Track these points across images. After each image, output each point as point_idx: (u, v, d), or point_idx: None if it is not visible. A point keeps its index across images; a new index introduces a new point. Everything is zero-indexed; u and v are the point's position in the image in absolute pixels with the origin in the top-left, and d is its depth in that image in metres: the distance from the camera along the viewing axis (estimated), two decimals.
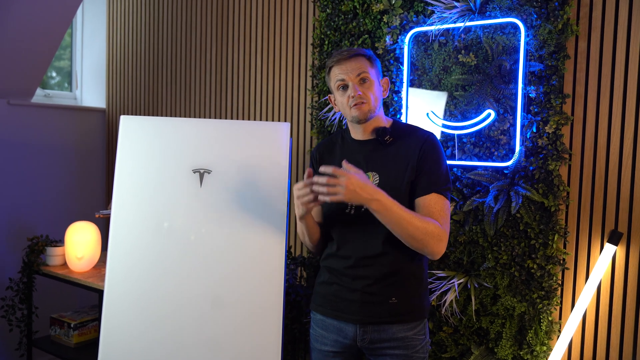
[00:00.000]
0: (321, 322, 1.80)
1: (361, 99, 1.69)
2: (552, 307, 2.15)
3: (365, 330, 1.71)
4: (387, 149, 1.73)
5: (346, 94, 1.72)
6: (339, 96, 1.75)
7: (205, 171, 2.03)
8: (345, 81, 1.71)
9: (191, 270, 1.99)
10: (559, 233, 2.13)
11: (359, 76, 1.70)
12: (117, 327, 1.98)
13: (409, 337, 1.71)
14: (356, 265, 1.71)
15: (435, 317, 2.37)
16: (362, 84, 1.71)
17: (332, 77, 1.76)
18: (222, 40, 3.25)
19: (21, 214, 3.42)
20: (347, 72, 1.70)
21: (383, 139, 1.73)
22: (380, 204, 1.55)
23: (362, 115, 1.71)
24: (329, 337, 1.77)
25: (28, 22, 3.04)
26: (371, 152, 1.75)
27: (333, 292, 1.76)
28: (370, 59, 1.74)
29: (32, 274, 2.86)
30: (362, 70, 1.70)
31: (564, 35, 2.08)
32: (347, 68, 1.71)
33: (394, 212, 1.56)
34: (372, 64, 1.74)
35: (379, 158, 1.73)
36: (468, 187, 2.28)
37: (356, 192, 1.52)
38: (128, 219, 2.01)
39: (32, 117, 3.48)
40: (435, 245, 1.61)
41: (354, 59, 1.71)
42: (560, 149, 2.12)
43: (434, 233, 1.60)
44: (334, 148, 1.85)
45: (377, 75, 1.75)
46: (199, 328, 1.96)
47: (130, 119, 2.08)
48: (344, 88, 1.73)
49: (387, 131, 1.73)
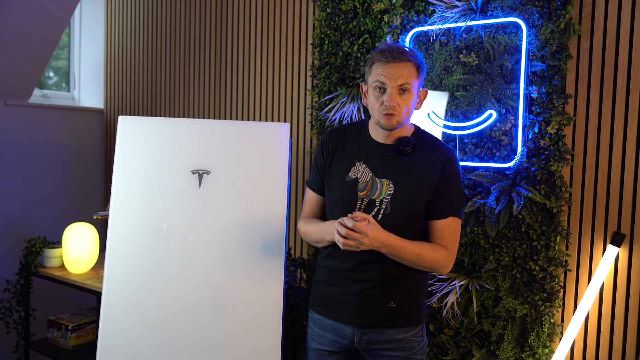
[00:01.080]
0: (319, 322, 1.80)
1: (394, 110, 1.61)
2: (554, 309, 2.14)
3: (363, 332, 1.71)
4: (405, 158, 1.69)
5: (381, 98, 1.62)
6: (372, 95, 1.65)
7: (204, 172, 2.01)
8: (386, 86, 1.61)
9: (190, 272, 1.98)
10: (561, 234, 2.12)
11: (401, 86, 1.60)
12: (115, 330, 1.97)
13: (407, 338, 1.71)
14: (356, 269, 1.70)
15: (436, 319, 2.35)
16: (401, 94, 1.61)
17: (372, 72, 1.64)
18: (220, 40, 3.24)
19: (18, 215, 3.40)
20: (390, 78, 1.60)
21: (404, 149, 1.68)
22: (390, 249, 1.61)
23: (389, 126, 1.65)
24: (326, 336, 1.77)
25: (25, 22, 3.03)
26: (388, 158, 1.70)
27: (331, 293, 1.75)
28: (418, 68, 1.64)
29: (29, 275, 2.84)
30: (407, 81, 1.60)
31: (566, 35, 2.07)
32: (393, 73, 1.59)
33: (403, 253, 1.62)
34: (418, 74, 1.64)
35: (396, 167, 1.68)
36: (469, 188, 2.27)
37: (371, 246, 1.57)
38: (126, 220, 2.00)
39: (29, 117, 3.46)
40: (442, 269, 1.70)
41: (403, 63, 1.60)
42: (563, 149, 2.10)
43: (442, 261, 1.67)
44: (347, 140, 1.77)
45: (418, 87, 1.66)
46: (198, 330, 1.95)
47: (128, 119, 2.07)
48: (381, 90, 1.62)
49: (410, 143, 1.68)
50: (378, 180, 1.68)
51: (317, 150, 1.82)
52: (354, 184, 1.70)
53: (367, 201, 1.68)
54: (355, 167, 1.71)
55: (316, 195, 1.82)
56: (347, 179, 1.70)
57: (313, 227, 1.76)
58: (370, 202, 1.68)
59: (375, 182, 1.68)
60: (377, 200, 1.67)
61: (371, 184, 1.68)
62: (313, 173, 1.83)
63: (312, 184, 1.83)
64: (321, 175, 1.80)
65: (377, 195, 1.67)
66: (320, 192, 1.81)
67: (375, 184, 1.68)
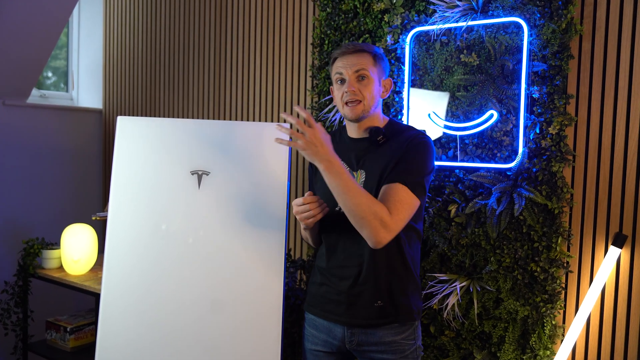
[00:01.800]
0: (312, 322, 1.83)
1: (355, 95, 1.68)
2: (555, 311, 2.13)
3: (353, 332, 1.72)
4: (378, 149, 1.73)
5: (342, 88, 1.72)
6: (335, 89, 1.76)
7: (204, 173, 2.00)
8: (343, 75, 1.71)
9: (189, 274, 1.96)
10: (562, 235, 2.11)
11: (357, 72, 1.69)
12: (114, 331, 1.96)
13: (397, 341, 1.71)
14: (342, 266, 1.73)
15: (437, 321, 2.34)
16: (360, 81, 1.70)
17: (333, 69, 1.75)
18: (220, 39, 3.23)
19: (17, 216, 3.40)
20: (347, 67, 1.70)
21: (376, 139, 1.72)
22: (331, 166, 1.52)
23: (354, 115, 1.71)
24: (319, 337, 1.80)
25: (24, 22, 3.02)
26: (363, 151, 1.75)
27: (322, 292, 1.79)
28: (375, 57, 1.72)
29: (27, 277, 2.83)
30: (362, 67, 1.69)
31: (568, 35, 2.06)
32: (348, 62, 1.70)
33: (343, 179, 1.52)
34: (375, 62, 1.72)
35: (369, 158, 1.73)
36: (470, 189, 2.25)
37: (315, 147, 1.50)
38: (125, 221, 1.99)
39: (27, 117, 3.46)
40: (376, 229, 1.53)
41: (358, 54, 1.70)
42: (564, 150, 2.09)
43: (379, 215, 1.52)
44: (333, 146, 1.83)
45: (379, 74, 1.74)
46: (197, 332, 1.94)
47: (127, 119, 2.05)
48: (342, 82, 1.72)
49: (381, 131, 1.72)
50: (354, 173, 1.73)
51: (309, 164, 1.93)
52: None
53: None
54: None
55: None
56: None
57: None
58: None
59: (353, 176, 1.72)
60: None
61: None
62: (309, 182, 1.95)
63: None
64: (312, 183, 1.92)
65: None
66: None
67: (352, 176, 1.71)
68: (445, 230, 2.30)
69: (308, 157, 1.53)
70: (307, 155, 1.52)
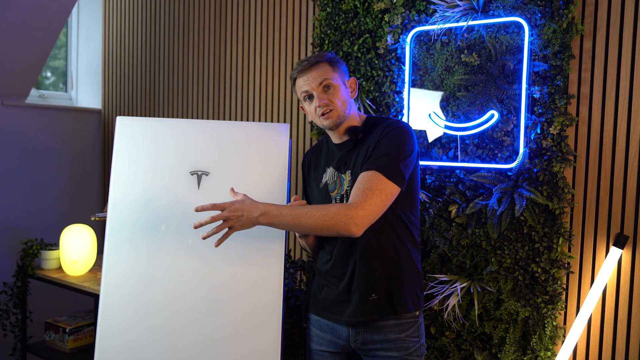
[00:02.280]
0: (317, 323, 1.85)
1: (327, 107, 1.71)
2: (556, 312, 2.13)
3: (357, 331, 1.74)
4: (360, 145, 1.75)
5: (312, 104, 1.74)
6: (306, 106, 1.78)
7: (203, 173, 2.00)
8: (309, 91, 1.73)
9: (189, 275, 1.96)
10: (563, 236, 2.11)
11: (321, 84, 1.71)
12: (113, 332, 1.95)
13: (402, 338, 1.72)
14: (338, 266, 1.75)
15: (437, 321, 2.33)
16: (326, 91, 1.72)
17: (297, 89, 1.78)
18: (219, 39, 3.22)
19: (15, 216, 3.39)
20: (309, 82, 1.71)
21: (356, 137, 1.75)
22: (268, 217, 1.56)
23: (332, 124, 1.73)
24: (324, 337, 1.82)
25: (23, 21, 3.01)
26: (346, 153, 1.78)
27: (324, 294, 1.82)
28: (331, 63, 1.74)
29: (26, 278, 2.82)
30: (324, 77, 1.71)
31: (569, 35, 2.05)
32: (309, 78, 1.72)
33: (284, 216, 1.56)
34: (334, 68, 1.74)
35: (352, 157, 1.75)
36: (471, 190, 2.25)
37: (242, 217, 1.54)
38: (124, 221, 1.99)
39: (26, 118, 3.45)
40: (343, 225, 1.54)
41: (315, 67, 1.72)
42: (565, 150, 2.09)
43: (338, 214, 1.54)
44: (321, 154, 1.89)
45: (341, 78, 1.76)
46: (197, 333, 1.94)
47: (126, 119, 2.05)
48: (310, 98, 1.75)
49: (359, 130, 1.75)
50: (342, 175, 1.76)
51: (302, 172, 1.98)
52: (325, 187, 1.80)
53: (339, 198, 1.75)
54: (326, 173, 1.81)
55: None
56: (321, 185, 1.81)
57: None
58: (342, 198, 1.75)
59: (342, 178, 1.76)
60: (344, 193, 1.74)
61: (339, 181, 1.77)
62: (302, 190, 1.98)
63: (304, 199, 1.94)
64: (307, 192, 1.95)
65: (344, 189, 1.74)
66: None
67: (342, 180, 1.76)
68: (445, 230, 2.29)
69: (250, 227, 1.56)
70: (248, 227, 1.56)
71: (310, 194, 1.91)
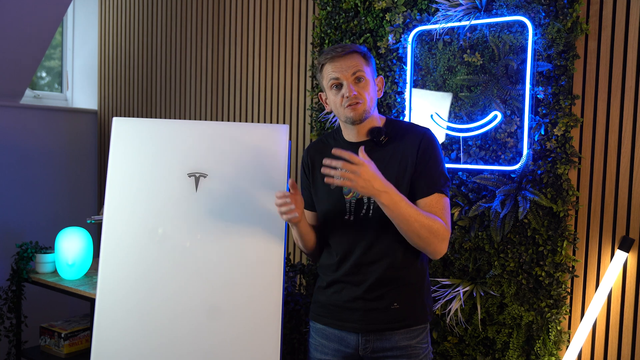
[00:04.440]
0: (322, 331, 1.78)
1: (356, 99, 1.65)
2: (561, 316, 2.11)
3: (368, 339, 1.69)
4: (383, 149, 1.70)
5: (340, 93, 1.67)
6: (331, 95, 1.70)
7: (201, 175, 1.98)
8: (340, 80, 1.66)
9: (186, 278, 1.95)
10: (568, 239, 2.09)
11: (354, 75, 1.65)
12: (109, 337, 1.94)
13: (412, 345, 1.69)
14: (356, 272, 1.69)
15: (439, 326, 2.31)
16: (357, 83, 1.66)
17: (324, 75, 1.70)
18: (217, 39, 3.21)
19: (10, 219, 3.37)
20: (342, 71, 1.65)
21: (378, 139, 1.69)
22: (389, 198, 1.53)
23: (357, 116, 1.67)
24: (330, 346, 1.75)
25: (17, 21, 3.00)
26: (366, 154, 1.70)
27: (334, 301, 1.74)
28: (365, 57, 1.69)
29: (21, 281, 2.81)
30: (358, 68, 1.65)
31: (574, 34, 2.04)
32: (342, 66, 1.65)
33: (402, 207, 1.55)
34: (367, 62, 1.69)
35: (376, 160, 1.67)
36: (474, 192, 2.23)
37: (369, 183, 1.50)
38: (121, 224, 1.97)
39: (21, 119, 3.44)
40: (438, 244, 1.60)
41: (349, 56, 1.66)
42: (570, 152, 2.07)
43: (439, 232, 1.59)
44: (325, 150, 1.78)
45: (372, 74, 1.71)
46: (195, 338, 1.92)
47: (123, 120, 2.04)
48: (338, 87, 1.68)
49: (382, 131, 1.70)
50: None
51: (300, 168, 1.88)
52: (339, 189, 1.73)
53: (355, 202, 1.70)
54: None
55: (306, 211, 1.84)
56: (332, 186, 1.71)
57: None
58: (359, 202, 1.69)
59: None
60: (364, 198, 1.69)
61: None
62: (301, 190, 1.85)
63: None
64: (307, 191, 1.85)
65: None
66: (310, 207, 1.84)
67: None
68: None
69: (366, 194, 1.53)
70: (365, 193, 1.52)
71: (315, 194, 1.82)
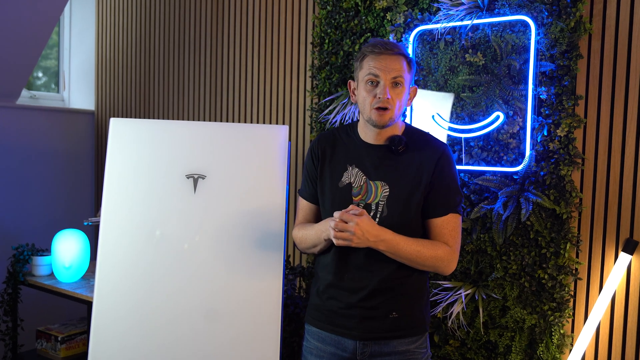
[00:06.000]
0: (317, 335, 1.75)
1: (387, 103, 1.59)
2: (564, 320, 2.10)
3: (365, 344, 1.66)
4: (398, 158, 1.66)
5: (373, 91, 1.60)
6: (363, 89, 1.63)
7: (200, 176, 1.98)
8: (378, 78, 1.59)
9: (184, 281, 1.95)
10: (571, 241, 2.08)
11: (394, 79, 1.59)
12: (106, 341, 1.94)
13: (411, 350, 1.67)
14: (355, 279, 1.66)
15: (441, 330, 2.30)
16: (394, 87, 1.60)
17: (363, 66, 1.62)
18: (216, 38, 3.20)
19: (5, 221, 3.36)
20: (384, 70, 1.58)
21: (397, 148, 1.65)
22: (387, 244, 1.56)
23: (382, 122, 1.62)
24: (326, 349, 1.72)
25: (13, 20, 2.99)
26: (380, 159, 1.67)
27: (330, 306, 1.71)
28: (410, 63, 1.64)
29: (17, 284, 2.79)
30: (399, 73, 1.59)
31: (577, 34, 2.03)
32: (386, 65, 1.58)
33: (401, 249, 1.58)
34: (410, 69, 1.64)
35: (390, 168, 1.66)
36: (476, 193, 2.22)
37: (364, 237, 1.52)
38: (118, 226, 1.97)
39: (17, 119, 3.43)
40: (445, 268, 1.64)
41: (396, 57, 1.60)
42: (573, 153, 2.06)
43: (444, 258, 1.62)
44: (337, 145, 1.74)
45: (409, 82, 1.66)
46: (193, 342, 1.92)
47: (120, 121, 2.04)
48: (373, 84, 1.60)
49: (402, 141, 1.65)
50: (372, 183, 1.65)
51: (307, 157, 1.80)
52: (347, 189, 1.68)
53: (363, 205, 1.66)
54: (348, 172, 1.68)
55: (309, 203, 1.79)
56: (341, 184, 1.68)
57: (309, 229, 1.73)
58: (366, 207, 1.66)
59: (370, 186, 1.65)
60: (372, 204, 1.65)
61: (365, 187, 1.66)
62: (304, 181, 1.80)
63: (304, 192, 1.79)
64: (313, 183, 1.77)
65: (372, 198, 1.65)
66: (313, 200, 1.78)
67: (370, 187, 1.65)
68: None
69: (363, 247, 1.56)
70: (361, 246, 1.56)
71: (322, 190, 1.74)
